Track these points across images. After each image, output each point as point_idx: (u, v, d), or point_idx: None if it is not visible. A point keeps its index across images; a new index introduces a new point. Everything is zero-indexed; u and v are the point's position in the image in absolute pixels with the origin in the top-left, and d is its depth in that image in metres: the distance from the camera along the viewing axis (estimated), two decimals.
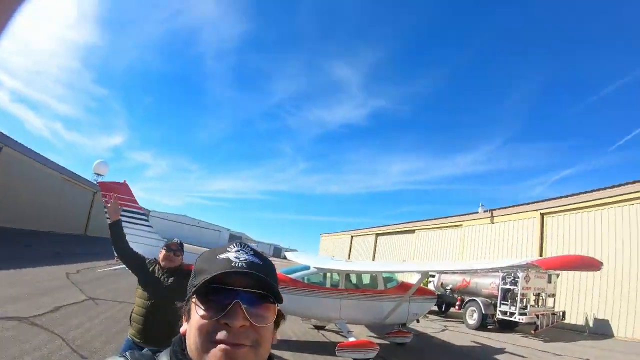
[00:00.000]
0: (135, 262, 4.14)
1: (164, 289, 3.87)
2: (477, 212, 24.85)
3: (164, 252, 4.08)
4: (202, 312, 0.89)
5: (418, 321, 12.04)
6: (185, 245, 4.25)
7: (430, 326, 15.27)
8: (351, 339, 9.34)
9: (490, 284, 16.34)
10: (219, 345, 0.86)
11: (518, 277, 14.55)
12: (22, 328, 6.79)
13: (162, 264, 4.04)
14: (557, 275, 16.00)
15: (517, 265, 7.71)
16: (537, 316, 14.20)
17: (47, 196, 26.37)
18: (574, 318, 17.02)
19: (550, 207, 20.16)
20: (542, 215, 20.41)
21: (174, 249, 4.12)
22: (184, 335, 0.98)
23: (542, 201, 21.03)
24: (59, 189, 28.82)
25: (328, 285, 10.59)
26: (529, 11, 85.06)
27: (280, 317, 1.01)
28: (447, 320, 17.63)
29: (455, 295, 18.59)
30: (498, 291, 15.42)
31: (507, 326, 15.29)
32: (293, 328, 11.89)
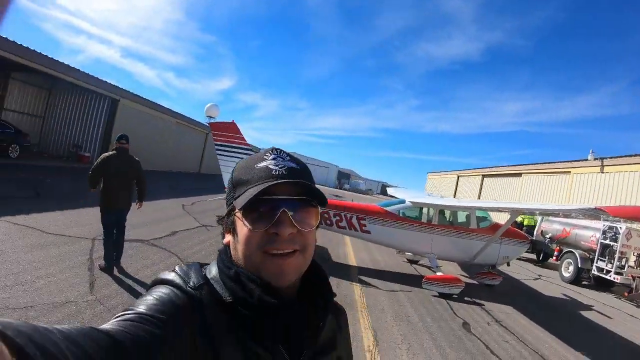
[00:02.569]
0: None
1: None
2: (587, 160, 23.09)
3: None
4: (249, 226, 0.90)
5: (508, 264, 12.07)
6: None
7: (524, 273, 15.18)
8: (438, 274, 9.74)
9: (591, 237, 15.42)
10: (272, 257, 0.89)
11: (619, 234, 13.73)
12: (144, 248, 8.17)
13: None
14: None
15: (585, 209, 7.55)
16: (633, 278, 13.29)
17: (162, 139, 28.95)
18: None
19: None
20: None
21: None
22: (227, 245, 1.00)
23: None
24: (174, 132, 31.42)
25: (422, 220, 10.99)
26: None
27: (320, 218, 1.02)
28: (542, 270, 17.30)
29: (554, 245, 18.01)
30: (597, 245, 14.59)
31: (603, 285, 14.40)
32: (386, 259, 12.72)
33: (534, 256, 19.60)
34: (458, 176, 47.30)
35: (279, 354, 0.90)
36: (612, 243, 13.82)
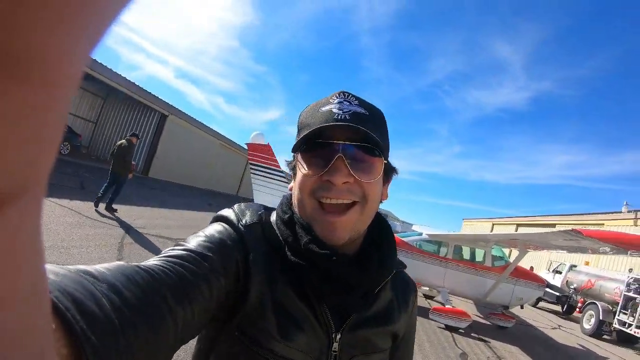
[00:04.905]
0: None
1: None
2: (621, 212, 22.50)
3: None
4: (304, 170, 0.86)
5: (522, 307, 11.99)
6: None
7: (544, 322, 14.77)
8: (447, 306, 9.72)
9: (615, 289, 14.87)
10: (325, 212, 0.85)
11: None
12: (169, 243, 8.72)
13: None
14: None
15: (562, 231, 7.55)
16: None
17: (205, 159, 29.93)
18: None
19: None
20: None
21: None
22: (290, 191, 0.97)
23: None
24: (216, 152, 32.37)
25: (438, 254, 11.07)
26: None
27: (390, 172, 0.97)
28: (565, 322, 16.74)
29: (578, 297, 17.49)
30: (621, 298, 14.05)
31: (627, 340, 13.76)
32: None
33: (559, 308, 19.05)
34: (493, 224, 46.40)
35: (322, 313, 0.86)
36: (636, 296, 13.28)
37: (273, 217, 0.95)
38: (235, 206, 0.95)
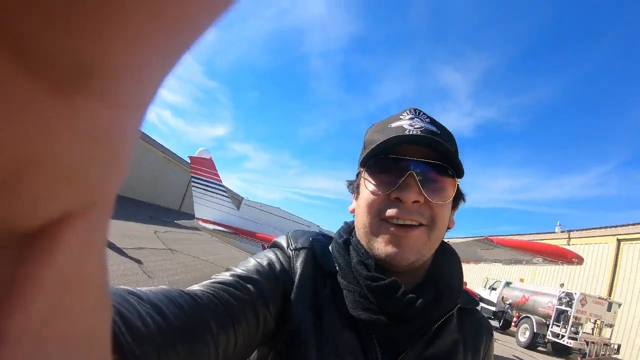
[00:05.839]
0: None
1: None
2: (554, 232, 23.80)
3: None
4: (371, 187, 0.80)
5: None
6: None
7: None
8: None
9: (547, 303, 15.56)
10: (389, 227, 0.77)
11: (574, 299, 13.89)
12: (110, 251, 8.41)
13: None
14: (619, 305, 14.93)
15: (477, 238, 7.94)
16: (587, 343, 13.40)
17: (148, 171, 29.26)
18: (628, 354, 15.83)
19: (630, 233, 18.48)
20: (619, 241, 18.86)
21: None
22: (352, 213, 0.92)
23: (620, 226, 19.15)
24: (160, 166, 31.87)
25: None
26: None
27: (460, 197, 0.89)
28: (502, 336, 17.17)
29: (514, 312, 18.05)
30: (553, 311, 14.69)
31: (561, 351, 14.40)
32: None
33: (496, 323, 19.52)
34: None
35: (370, 346, 0.77)
36: (567, 309, 14.06)
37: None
38: (291, 232, 0.92)
